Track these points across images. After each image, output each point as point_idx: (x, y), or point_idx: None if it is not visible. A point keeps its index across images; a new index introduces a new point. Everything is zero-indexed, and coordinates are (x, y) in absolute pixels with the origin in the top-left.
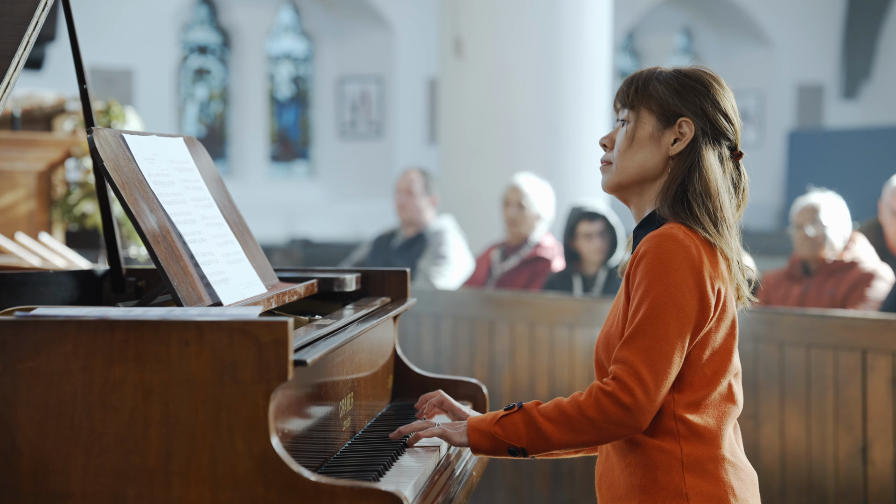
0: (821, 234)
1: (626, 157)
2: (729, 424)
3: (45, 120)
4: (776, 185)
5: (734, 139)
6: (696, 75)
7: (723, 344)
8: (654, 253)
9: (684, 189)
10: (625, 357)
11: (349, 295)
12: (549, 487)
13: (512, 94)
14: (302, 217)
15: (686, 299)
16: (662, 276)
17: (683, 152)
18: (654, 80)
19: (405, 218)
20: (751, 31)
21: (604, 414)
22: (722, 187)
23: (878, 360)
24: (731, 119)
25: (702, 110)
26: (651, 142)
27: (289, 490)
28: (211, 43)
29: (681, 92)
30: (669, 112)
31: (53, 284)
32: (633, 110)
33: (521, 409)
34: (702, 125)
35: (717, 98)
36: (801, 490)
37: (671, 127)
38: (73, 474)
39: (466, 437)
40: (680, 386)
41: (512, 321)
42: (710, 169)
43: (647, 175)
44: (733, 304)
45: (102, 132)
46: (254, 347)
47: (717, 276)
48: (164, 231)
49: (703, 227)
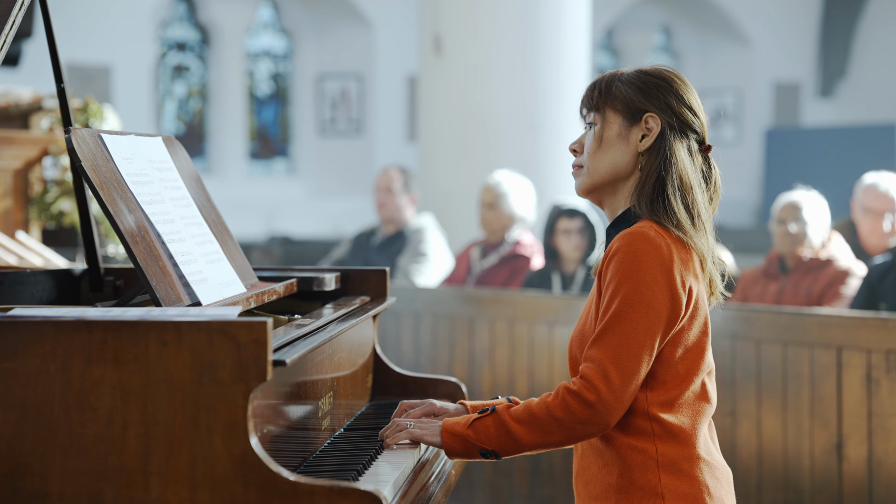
0: (802, 231)
1: (596, 158)
2: (703, 423)
3: (21, 117)
4: (754, 183)
5: (701, 132)
6: (657, 72)
7: (695, 342)
8: (625, 251)
9: (661, 185)
10: (593, 355)
11: (329, 294)
12: (528, 484)
13: (491, 92)
14: (281, 215)
15: (656, 297)
16: (632, 274)
17: (653, 148)
18: (617, 81)
19: (385, 216)
20: (729, 29)
21: (570, 413)
22: (694, 181)
23: (853, 357)
24: (697, 112)
25: (666, 105)
26: (619, 140)
27: (268, 490)
28: (190, 40)
29: (644, 89)
30: (634, 109)
31: (31, 284)
32: (599, 112)
33: (493, 412)
34: (668, 119)
35: (680, 92)
36: (777, 486)
37: (637, 123)
38: (50, 475)
39: (440, 437)
40: (653, 384)
41: (491, 319)
42: (682, 162)
43: (619, 174)
44: (706, 302)
45: (80, 132)
46: (233, 348)
47: (688, 273)
48: (142, 231)
49: (677, 224)
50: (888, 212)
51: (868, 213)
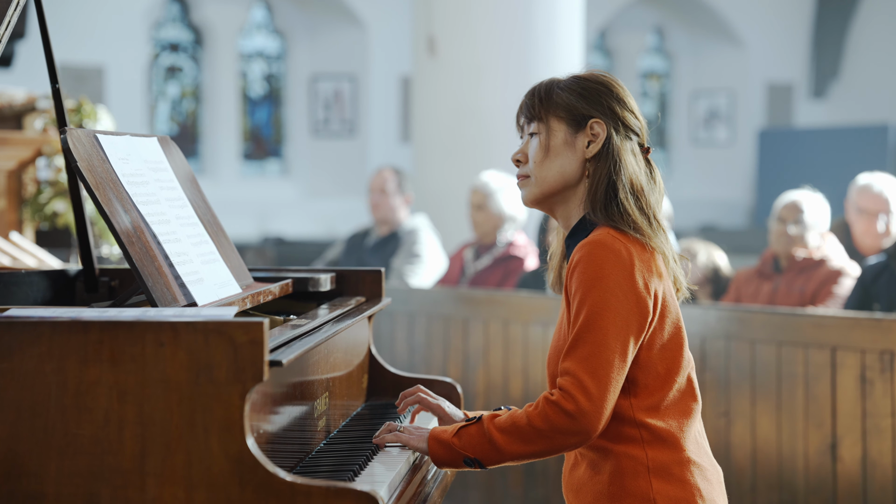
0: (800, 234)
1: (544, 167)
2: (692, 424)
3: (15, 118)
4: (747, 184)
5: (642, 134)
6: (595, 78)
7: (670, 340)
8: (586, 261)
9: (614, 190)
10: (567, 368)
11: (324, 294)
12: (523, 486)
13: (485, 93)
14: (275, 215)
15: (622, 303)
16: (596, 283)
17: (600, 153)
18: (556, 89)
19: (379, 217)
20: (722, 30)
21: (549, 423)
22: (644, 182)
23: (848, 357)
24: (637, 115)
25: (610, 109)
26: (566, 148)
27: (264, 490)
28: (183, 40)
29: (585, 95)
30: (579, 115)
31: (26, 284)
32: (542, 121)
33: (479, 422)
34: (613, 123)
35: (621, 96)
36: (771, 487)
37: (583, 130)
38: (47, 476)
39: (426, 444)
40: (636, 391)
41: (486, 320)
42: (631, 165)
43: (569, 181)
44: (675, 299)
45: (76, 132)
46: (229, 348)
47: (651, 275)
48: (138, 231)
49: (635, 227)
50: (882, 212)
51: (862, 214)
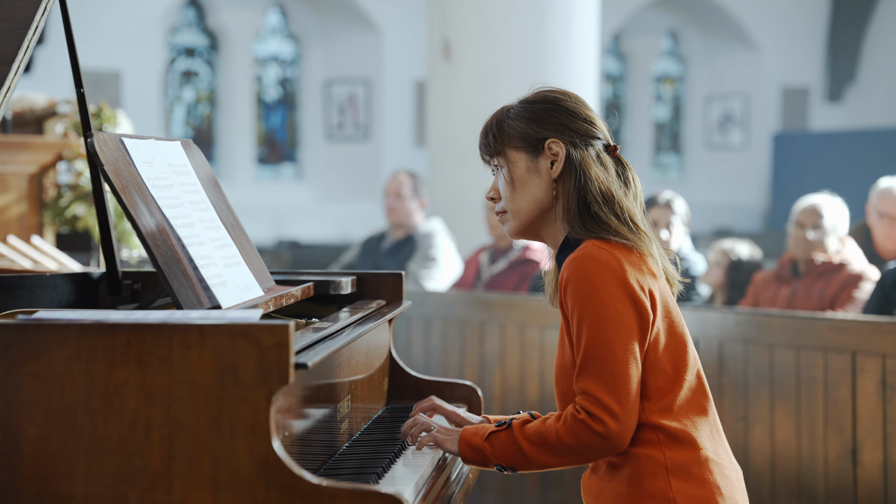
0: (819, 239)
1: (515, 199)
2: (707, 422)
3: (36, 123)
4: (761, 188)
5: (604, 136)
6: (540, 98)
7: (674, 339)
8: (576, 277)
9: (585, 203)
10: (584, 388)
11: (343, 297)
12: (540, 489)
13: (500, 97)
14: (289, 219)
15: (620, 312)
16: (591, 298)
17: (564, 171)
18: (507, 120)
19: (394, 220)
20: (736, 34)
21: (580, 441)
22: (615, 186)
23: (868, 362)
24: (593, 120)
25: (562, 125)
26: (531, 175)
27: (290, 492)
28: (198, 45)
29: (535, 118)
30: (534, 140)
31: (50, 287)
32: (501, 155)
33: (509, 428)
34: (568, 138)
35: (569, 108)
36: (790, 492)
37: (542, 153)
38: (75, 477)
39: (458, 447)
40: (647, 394)
41: (502, 323)
42: (598, 175)
43: (543, 206)
44: (672, 297)
45: (102, 135)
46: (255, 350)
47: (644, 276)
48: (163, 234)
49: (616, 234)
50: None
51: (883, 218)
